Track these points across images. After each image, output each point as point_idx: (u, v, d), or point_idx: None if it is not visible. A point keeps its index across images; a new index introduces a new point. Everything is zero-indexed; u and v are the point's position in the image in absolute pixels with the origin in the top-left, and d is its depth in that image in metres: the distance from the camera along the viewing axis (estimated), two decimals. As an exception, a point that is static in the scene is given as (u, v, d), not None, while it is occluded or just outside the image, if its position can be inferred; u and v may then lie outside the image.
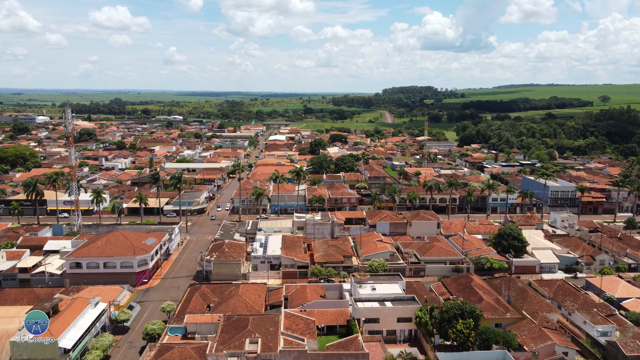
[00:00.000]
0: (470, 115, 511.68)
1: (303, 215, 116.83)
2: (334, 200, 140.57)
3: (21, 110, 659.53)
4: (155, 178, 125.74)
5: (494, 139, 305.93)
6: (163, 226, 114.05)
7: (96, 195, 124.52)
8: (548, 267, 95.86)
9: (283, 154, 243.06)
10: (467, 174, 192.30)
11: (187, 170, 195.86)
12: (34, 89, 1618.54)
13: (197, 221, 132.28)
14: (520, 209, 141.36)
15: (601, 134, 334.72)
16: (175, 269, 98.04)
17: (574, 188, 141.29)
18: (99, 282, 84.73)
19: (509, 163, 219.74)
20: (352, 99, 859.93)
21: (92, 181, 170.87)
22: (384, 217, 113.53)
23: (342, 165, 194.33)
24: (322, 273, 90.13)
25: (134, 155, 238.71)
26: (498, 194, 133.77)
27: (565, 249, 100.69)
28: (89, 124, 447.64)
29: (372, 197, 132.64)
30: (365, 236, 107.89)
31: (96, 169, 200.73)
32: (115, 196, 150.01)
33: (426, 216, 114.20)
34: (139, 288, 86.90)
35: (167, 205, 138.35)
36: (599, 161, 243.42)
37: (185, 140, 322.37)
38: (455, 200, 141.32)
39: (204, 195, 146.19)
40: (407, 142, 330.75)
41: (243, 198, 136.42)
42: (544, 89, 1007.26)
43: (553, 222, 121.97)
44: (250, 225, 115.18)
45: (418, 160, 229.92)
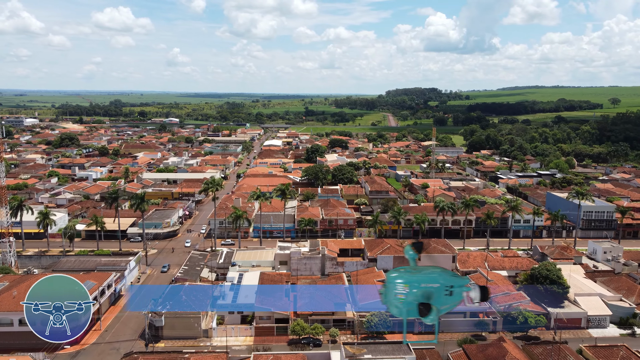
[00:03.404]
0: (477, 118, 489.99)
1: (288, 245, 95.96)
2: (328, 222, 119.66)
3: (16, 112, 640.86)
4: (112, 197, 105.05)
5: (505, 145, 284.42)
6: (116, 258, 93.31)
7: (42, 218, 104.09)
8: (597, 321, 74.80)
9: (277, 162, 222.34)
10: (480, 187, 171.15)
11: (167, 182, 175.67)
12: (38, 90, 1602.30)
13: (166, 248, 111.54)
14: (548, 233, 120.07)
15: (619, 139, 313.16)
16: (122, 319, 77.34)
17: (613, 209, 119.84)
18: (13, 347, 64.60)
19: (525, 173, 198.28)
20: (355, 101, 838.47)
21: (56, 195, 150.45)
22: (387, 248, 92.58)
23: (340, 176, 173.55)
24: (305, 331, 69.33)
25: (113, 163, 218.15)
26: (522, 217, 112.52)
27: (617, 294, 79.49)
28: (78, 126, 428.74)
29: (373, 220, 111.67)
30: (364, 274, 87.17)
31: (66, 179, 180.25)
32: (76, 215, 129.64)
33: (439, 247, 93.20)
34: (64, 352, 66.35)
35: (132, 227, 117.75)
36: (623, 170, 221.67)
37: (175, 146, 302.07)
38: (471, 222, 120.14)
39: (176, 215, 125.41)
40: (411, 147, 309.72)
41: (220, 220, 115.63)
42: (549, 91, 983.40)
43: (592, 254, 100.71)
44: (223, 257, 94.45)
45: (424, 169, 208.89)
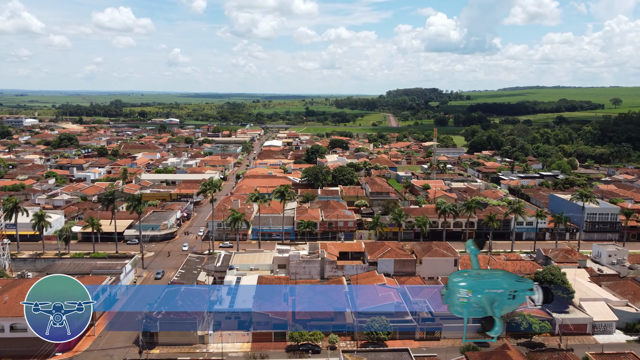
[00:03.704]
0: (478, 118, 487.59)
1: (287, 248, 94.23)
2: (328, 224, 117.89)
3: (16, 112, 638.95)
4: (109, 199, 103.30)
5: (507, 146, 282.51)
6: (112, 261, 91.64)
7: (37, 220, 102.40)
8: (603, 327, 73.00)
9: (277, 163, 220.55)
10: (482, 188, 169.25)
11: (165, 183, 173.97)
12: (39, 91, 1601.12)
13: (163, 250, 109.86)
14: (551, 235, 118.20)
15: (621, 139, 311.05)
16: (117, 324, 75.68)
17: (617, 211, 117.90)
18: (3, 354, 62.90)
19: (527, 174, 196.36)
20: (356, 101, 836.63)
21: (53, 196, 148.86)
22: (388, 251, 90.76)
23: (341, 177, 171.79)
24: (304, 337, 67.57)
25: (112, 164, 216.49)
26: (525, 220, 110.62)
27: (623, 299, 77.67)
28: (78, 127, 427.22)
29: (374, 222, 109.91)
30: (364, 277, 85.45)
31: (64, 180, 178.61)
32: (72, 216, 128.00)
33: (441, 250, 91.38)
34: (55, 359, 64.68)
35: (130, 229, 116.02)
36: (626, 171, 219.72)
37: (175, 146, 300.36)
38: (473, 224, 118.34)
39: (174, 217, 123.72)
40: (412, 147, 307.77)
41: (219, 222, 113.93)
42: (550, 91, 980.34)
43: (597, 257, 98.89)
44: (221, 260, 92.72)
45: (425, 170, 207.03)
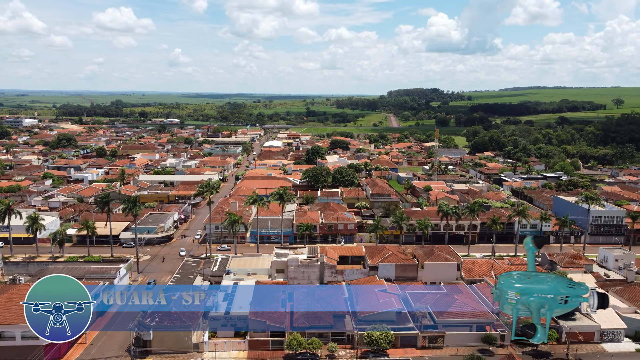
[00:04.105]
0: (480, 119, 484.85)
1: (285, 252, 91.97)
2: (328, 227, 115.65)
3: (16, 112, 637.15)
4: (104, 201, 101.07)
5: (509, 146, 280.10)
6: (106, 265, 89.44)
7: (31, 222, 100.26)
8: (611, 335, 70.67)
9: (276, 164, 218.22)
10: (484, 190, 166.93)
11: (163, 184, 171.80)
12: (40, 91, 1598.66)
13: (159, 254, 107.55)
14: (555, 239, 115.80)
15: (624, 140, 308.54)
16: (110, 332, 73.42)
17: (624, 214, 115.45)
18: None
19: (530, 175, 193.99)
20: (357, 101, 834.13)
21: (49, 197, 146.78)
22: (389, 256, 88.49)
23: (341, 178, 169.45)
24: (302, 346, 65.32)
25: (110, 165, 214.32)
26: (529, 223, 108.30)
27: (632, 306, 75.31)
28: (77, 127, 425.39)
29: (375, 225, 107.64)
30: (364, 282, 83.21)
31: (61, 181, 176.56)
32: (68, 218, 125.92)
33: (443, 255, 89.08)
34: (45, 369, 62.50)
35: (126, 232, 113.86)
36: (629, 172, 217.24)
37: (174, 146, 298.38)
38: (476, 227, 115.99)
39: (171, 219, 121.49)
40: (413, 148, 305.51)
41: (216, 224, 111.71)
42: (552, 92, 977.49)
43: (603, 261, 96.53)
44: (218, 264, 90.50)
45: (427, 171, 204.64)
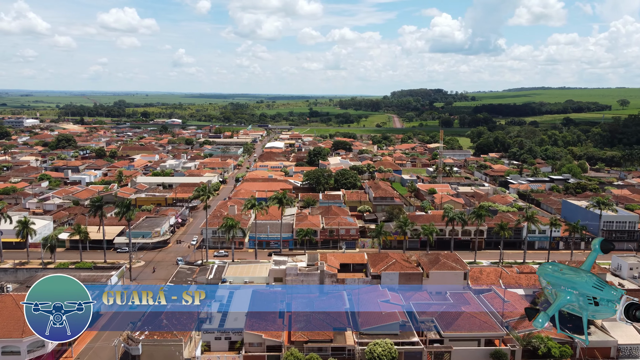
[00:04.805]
0: (484, 119, 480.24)
1: (284, 259, 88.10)
2: (329, 232, 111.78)
3: (19, 112, 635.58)
4: (96, 205, 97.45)
5: (514, 148, 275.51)
6: (97, 273, 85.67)
7: (22, 227, 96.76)
8: (628, 350, 66.52)
9: (278, 165, 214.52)
10: (490, 193, 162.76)
11: (162, 186, 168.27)
12: (44, 91, 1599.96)
13: (154, 259, 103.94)
14: (565, 245, 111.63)
15: (631, 141, 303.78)
16: (97, 345, 69.77)
17: (637, 219, 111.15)
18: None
19: (537, 178, 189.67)
20: (360, 102, 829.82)
21: (44, 200, 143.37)
22: (392, 264, 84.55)
23: (343, 180, 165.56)
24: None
25: (109, 166, 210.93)
26: (539, 229, 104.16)
27: (650, 319, 71.05)
28: (78, 127, 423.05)
29: (377, 230, 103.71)
30: (366, 292, 79.17)
31: (58, 183, 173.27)
32: (62, 222, 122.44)
33: (449, 263, 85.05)
34: (26, 386, 58.82)
35: (120, 236, 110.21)
36: (638, 175, 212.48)
37: (175, 147, 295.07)
38: (482, 232, 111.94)
39: (167, 223, 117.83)
40: (417, 149, 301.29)
41: (213, 229, 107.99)
42: (556, 92, 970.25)
43: (617, 270, 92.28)
44: (213, 272, 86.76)
45: (431, 173, 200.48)
